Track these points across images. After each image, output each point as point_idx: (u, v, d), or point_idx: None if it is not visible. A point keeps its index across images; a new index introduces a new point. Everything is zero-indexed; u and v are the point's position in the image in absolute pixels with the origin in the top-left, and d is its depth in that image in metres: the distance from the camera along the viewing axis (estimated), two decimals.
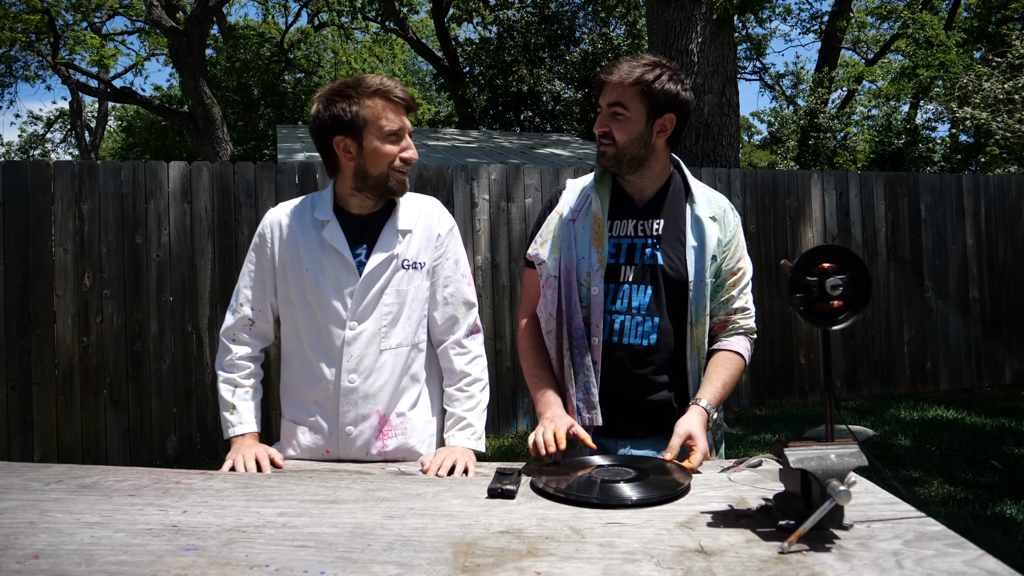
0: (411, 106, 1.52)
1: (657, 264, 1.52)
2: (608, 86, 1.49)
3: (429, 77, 23.18)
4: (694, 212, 1.54)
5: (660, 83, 1.46)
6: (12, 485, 1.27)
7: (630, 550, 0.95)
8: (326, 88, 1.52)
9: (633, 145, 1.49)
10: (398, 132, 1.50)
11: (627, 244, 1.55)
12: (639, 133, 1.49)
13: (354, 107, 1.46)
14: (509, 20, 15.27)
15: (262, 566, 0.91)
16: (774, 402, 5.61)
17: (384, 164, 1.50)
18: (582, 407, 1.53)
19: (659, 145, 1.52)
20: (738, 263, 1.57)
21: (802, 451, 1.00)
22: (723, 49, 7.04)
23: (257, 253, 1.61)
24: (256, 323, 1.63)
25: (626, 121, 1.48)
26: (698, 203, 1.55)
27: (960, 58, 10.00)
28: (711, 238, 1.52)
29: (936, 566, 0.87)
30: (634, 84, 1.46)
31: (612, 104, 1.49)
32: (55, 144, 21.01)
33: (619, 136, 1.49)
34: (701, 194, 1.57)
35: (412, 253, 1.59)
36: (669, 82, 1.47)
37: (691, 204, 1.55)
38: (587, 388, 1.53)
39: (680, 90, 1.49)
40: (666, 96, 1.47)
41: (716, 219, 1.55)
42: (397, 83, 1.50)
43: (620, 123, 1.49)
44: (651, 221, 1.55)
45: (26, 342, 4.21)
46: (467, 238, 5.00)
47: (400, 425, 1.59)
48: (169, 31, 10.22)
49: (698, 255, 1.52)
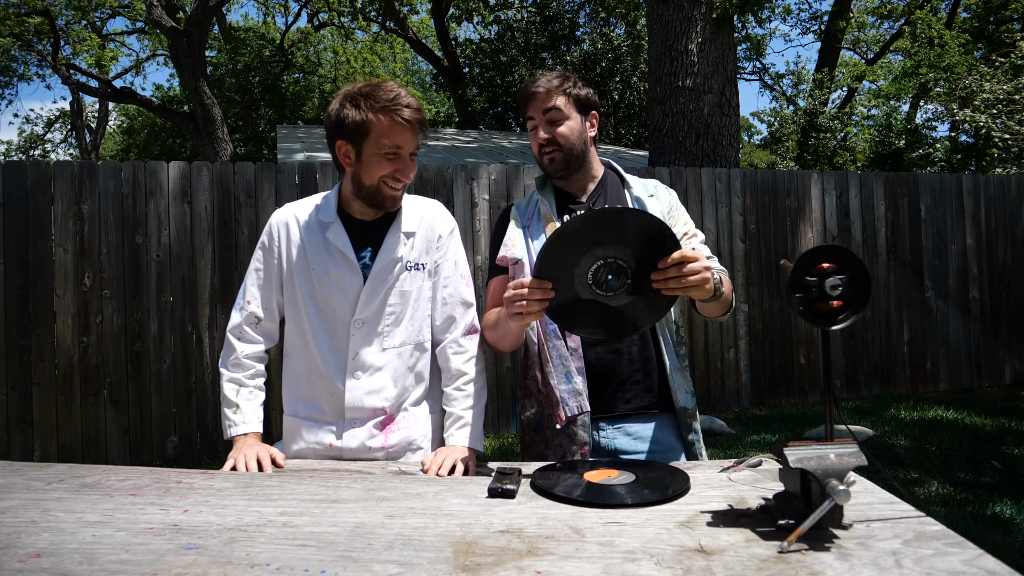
0: (419, 126, 1.52)
1: None
2: (537, 98, 1.62)
3: (429, 77, 23.19)
4: (633, 194, 1.69)
5: (577, 88, 1.64)
6: (14, 484, 1.27)
7: (630, 549, 0.95)
8: (348, 88, 1.54)
9: (577, 142, 1.63)
10: (396, 152, 1.51)
11: None
12: (579, 130, 1.64)
13: (360, 117, 1.48)
14: (509, 20, 15.27)
15: (263, 565, 0.91)
16: (774, 402, 5.61)
17: (375, 177, 1.52)
18: (567, 397, 1.56)
19: (590, 141, 1.68)
20: (686, 225, 1.68)
21: (801, 451, 1.01)
22: (723, 49, 7.04)
23: (264, 252, 1.63)
24: (262, 321, 1.64)
25: (565, 122, 1.62)
26: (633, 187, 1.70)
27: (963, 58, 10.00)
28: (653, 211, 1.63)
29: (935, 565, 0.87)
30: (559, 90, 1.61)
31: (548, 110, 1.61)
32: (55, 144, 21.01)
33: (562, 138, 1.61)
34: (635, 181, 1.72)
35: (415, 255, 1.62)
36: (583, 87, 1.65)
37: (628, 190, 1.70)
38: (568, 377, 1.57)
39: (591, 92, 1.67)
40: (586, 98, 1.65)
41: (653, 195, 1.69)
42: (412, 102, 1.50)
43: (558, 125, 1.62)
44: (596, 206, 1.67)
45: (26, 342, 4.21)
46: (467, 238, 5.00)
47: (403, 420, 1.61)
48: (169, 31, 10.22)
49: None
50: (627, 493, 1.17)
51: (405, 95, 1.50)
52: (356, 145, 1.51)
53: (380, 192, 1.54)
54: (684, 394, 1.61)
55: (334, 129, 1.52)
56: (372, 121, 1.48)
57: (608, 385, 1.59)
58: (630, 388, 1.60)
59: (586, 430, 1.55)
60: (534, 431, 1.65)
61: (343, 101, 1.51)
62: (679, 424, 1.61)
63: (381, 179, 1.52)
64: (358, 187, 1.56)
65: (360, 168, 1.53)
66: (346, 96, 1.52)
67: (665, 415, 1.62)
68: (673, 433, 1.61)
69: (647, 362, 1.61)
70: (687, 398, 1.61)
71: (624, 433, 1.59)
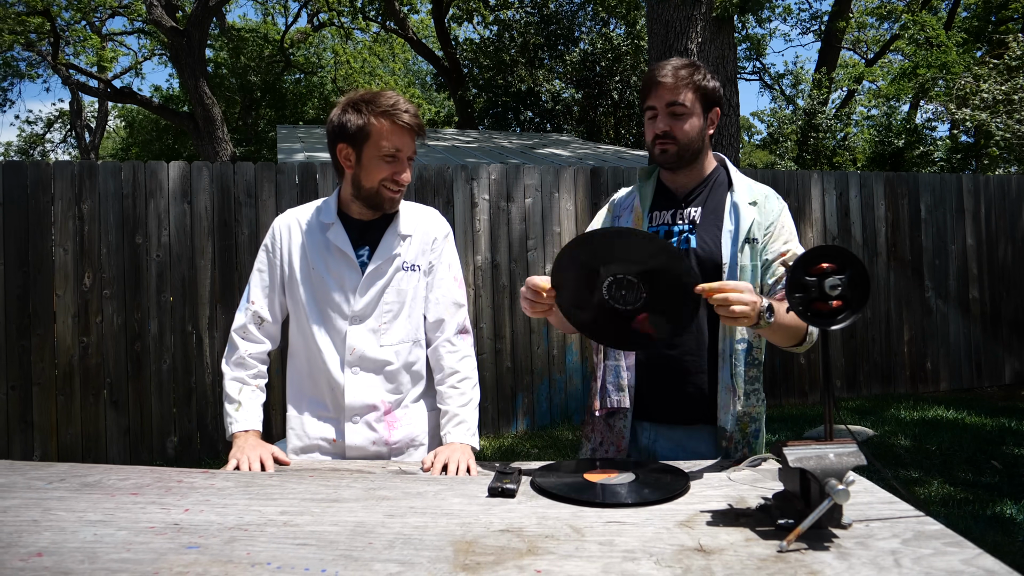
0: (417, 132, 1.58)
1: (691, 248, 1.56)
2: (662, 87, 1.54)
3: (429, 77, 23.19)
4: (733, 199, 1.58)
5: (707, 80, 1.56)
6: (15, 483, 1.28)
7: (630, 549, 0.95)
8: (350, 95, 1.60)
9: (695, 140, 1.57)
10: (395, 155, 1.57)
11: (664, 231, 1.61)
12: (700, 127, 1.57)
13: (361, 121, 1.54)
14: (508, 20, 15.27)
15: (264, 564, 0.92)
16: (774, 402, 5.61)
17: (375, 180, 1.58)
18: (611, 388, 1.59)
19: (708, 139, 1.62)
20: (785, 244, 1.57)
21: (801, 450, 1.01)
22: (723, 49, 7.04)
23: (267, 255, 1.69)
24: (265, 322, 1.68)
25: (687, 118, 1.55)
26: (738, 191, 1.59)
27: (961, 58, 10.00)
28: (747, 221, 1.55)
29: (934, 565, 0.87)
30: (687, 82, 1.54)
31: (671, 104, 1.54)
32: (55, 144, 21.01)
33: (681, 134, 1.55)
34: (743, 184, 1.62)
35: (411, 256, 1.67)
36: (712, 79, 1.58)
37: (731, 192, 1.60)
38: (617, 372, 1.59)
39: (719, 85, 1.60)
40: (714, 92, 1.58)
41: (756, 204, 1.59)
42: (411, 108, 1.57)
43: (681, 120, 1.54)
44: (689, 210, 1.61)
45: (26, 342, 4.21)
46: (467, 238, 5.00)
47: (404, 417, 1.66)
48: (169, 31, 10.22)
49: (734, 239, 1.55)
50: (627, 493, 1.17)
51: (404, 101, 1.57)
52: (357, 148, 1.57)
53: (379, 195, 1.60)
54: (726, 415, 1.53)
55: (336, 133, 1.58)
56: (373, 125, 1.54)
57: (657, 387, 1.58)
58: (678, 396, 1.57)
59: (625, 424, 1.57)
60: (590, 413, 1.69)
61: (345, 107, 1.58)
62: (717, 443, 1.56)
63: (381, 182, 1.58)
64: (357, 189, 1.61)
65: (360, 170, 1.59)
66: (348, 102, 1.58)
67: (708, 427, 1.57)
68: (713, 446, 1.56)
69: (700, 374, 1.56)
70: (728, 420, 1.53)
71: (665, 437, 1.58)
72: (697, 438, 1.57)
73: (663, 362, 1.57)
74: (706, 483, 1.26)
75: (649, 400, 1.58)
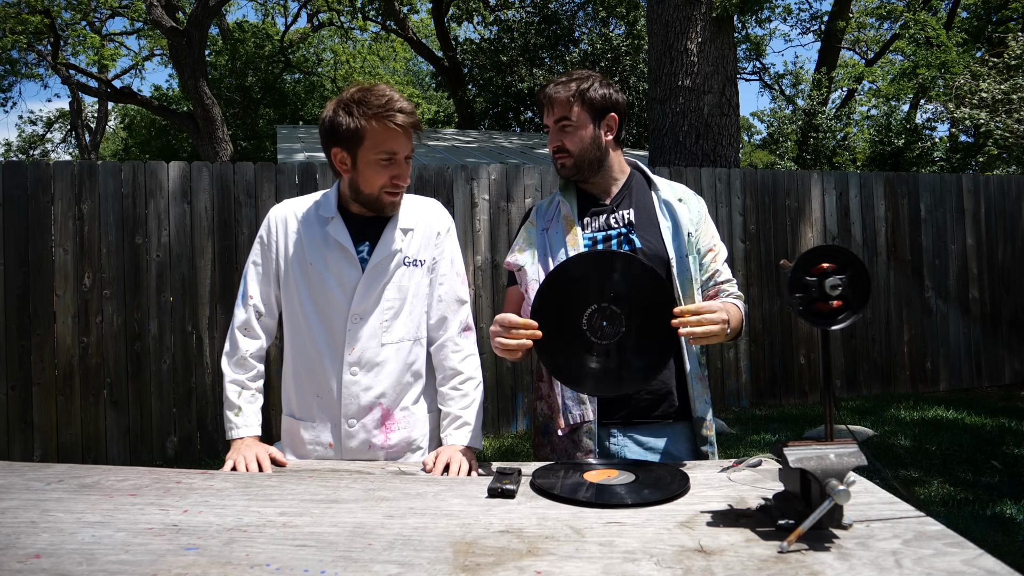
0: (411, 131, 1.53)
1: (635, 247, 1.57)
2: (550, 106, 1.60)
3: (429, 77, 23.19)
4: (661, 197, 1.64)
5: (594, 90, 1.59)
6: (13, 485, 1.27)
7: (630, 549, 0.95)
8: (341, 95, 1.55)
9: (588, 150, 1.60)
10: (391, 158, 1.52)
11: (602, 236, 1.61)
12: (591, 138, 1.60)
13: (353, 124, 1.48)
14: (508, 20, 15.27)
15: (263, 565, 0.91)
16: (774, 402, 5.61)
17: (375, 186, 1.54)
18: (571, 404, 1.56)
19: (610, 144, 1.64)
20: (712, 239, 1.66)
21: (801, 451, 1.01)
22: (723, 49, 7.04)
23: (262, 247, 1.64)
24: (263, 316, 1.65)
25: (575, 130, 1.59)
26: (661, 190, 1.65)
27: (960, 58, 10.00)
28: (682, 216, 1.61)
29: (935, 565, 0.87)
30: (574, 97, 1.58)
31: (559, 120, 1.59)
32: (55, 144, 21.02)
33: (572, 146, 1.59)
34: (663, 183, 1.68)
35: (413, 250, 1.62)
36: (601, 87, 1.60)
37: (655, 192, 1.66)
38: None
39: (612, 92, 1.62)
40: (603, 100, 1.60)
41: (682, 200, 1.65)
42: (405, 106, 1.50)
43: (569, 134, 1.59)
44: (621, 212, 1.63)
45: (26, 342, 4.21)
46: (467, 238, 5.00)
47: (403, 419, 1.61)
48: (169, 31, 10.22)
49: (675, 233, 1.60)
50: (627, 493, 1.17)
51: (398, 99, 1.50)
52: (351, 152, 1.52)
53: (380, 200, 1.56)
54: (702, 404, 1.57)
55: (329, 136, 1.53)
56: (365, 128, 1.48)
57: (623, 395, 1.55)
58: (645, 395, 1.56)
59: (591, 438, 1.54)
60: (543, 433, 1.65)
61: (336, 108, 1.52)
62: (695, 434, 1.57)
63: (380, 188, 1.54)
64: (356, 193, 1.57)
65: (357, 175, 1.54)
66: (339, 103, 1.52)
67: (680, 423, 1.58)
68: (687, 444, 1.57)
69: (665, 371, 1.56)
70: (704, 408, 1.57)
71: (635, 441, 1.56)
72: (669, 435, 1.57)
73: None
74: (706, 483, 1.26)
75: (614, 405, 1.56)
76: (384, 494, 1.22)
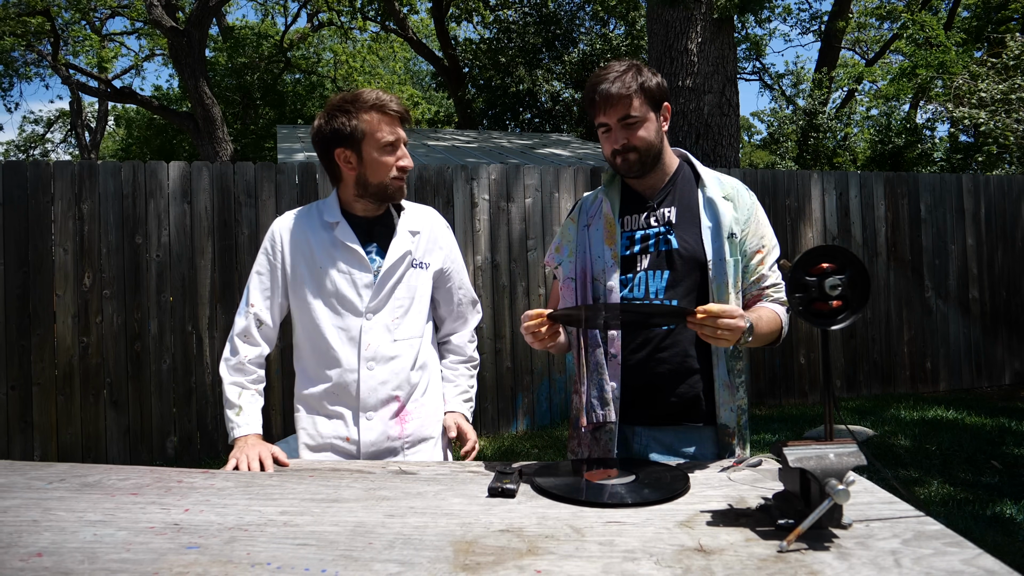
0: (405, 118, 1.64)
1: (672, 248, 1.54)
2: (611, 103, 1.51)
3: (429, 77, 23.19)
4: (706, 195, 1.56)
5: (648, 80, 1.53)
6: (15, 484, 1.28)
7: (630, 549, 0.95)
8: (327, 104, 1.64)
9: (655, 143, 1.55)
10: (394, 143, 1.61)
11: (640, 235, 1.58)
12: (656, 129, 1.55)
13: (353, 121, 1.58)
14: (508, 20, 15.26)
15: (264, 564, 0.92)
16: (774, 402, 5.61)
17: (384, 174, 1.62)
18: (595, 404, 1.56)
19: (665, 136, 1.59)
20: (761, 240, 1.57)
21: (801, 450, 1.01)
22: (723, 49, 7.04)
23: (267, 258, 1.70)
24: (264, 324, 1.69)
25: (640, 125, 1.52)
26: (709, 186, 1.58)
27: (960, 58, 10.00)
28: (725, 216, 1.54)
29: (934, 565, 0.87)
30: (634, 89, 1.51)
31: (623, 118, 1.52)
32: (55, 144, 21.01)
33: (640, 142, 1.52)
34: (712, 178, 1.60)
35: (420, 253, 1.72)
36: (653, 76, 1.55)
37: (702, 188, 1.58)
38: (600, 386, 1.55)
39: (662, 80, 1.57)
40: (659, 88, 1.55)
41: (729, 198, 1.57)
42: (393, 97, 1.62)
43: (636, 130, 1.52)
44: (663, 210, 1.59)
45: (26, 342, 4.21)
46: (467, 238, 5.00)
47: (415, 411, 1.70)
48: (169, 31, 10.22)
49: (714, 235, 1.53)
50: (627, 493, 1.17)
51: (384, 93, 1.62)
52: (355, 149, 1.60)
53: (389, 187, 1.64)
54: (727, 411, 1.53)
55: (330, 140, 1.61)
56: (365, 120, 1.58)
57: (647, 392, 1.54)
58: (672, 398, 1.54)
59: (611, 437, 1.54)
60: (574, 427, 1.67)
61: (331, 113, 1.60)
62: (718, 441, 1.54)
63: (389, 175, 1.62)
64: (364, 187, 1.64)
65: (364, 169, 1.62)
66: (332, 108, 1.61)
67: (707, 429, 1.55)
68: (711, 449, 1.55)
69: (692, 374, 1.54)
70: (729, 416, 1.53)
71: (658, 441, 1.55)
72: (694, 439, 1.54)
73: (652, 366, 1.54)
74: (706, 483, 1.26)
75: (640, 404, 1.55)
76: (385, 493, 1.22)
